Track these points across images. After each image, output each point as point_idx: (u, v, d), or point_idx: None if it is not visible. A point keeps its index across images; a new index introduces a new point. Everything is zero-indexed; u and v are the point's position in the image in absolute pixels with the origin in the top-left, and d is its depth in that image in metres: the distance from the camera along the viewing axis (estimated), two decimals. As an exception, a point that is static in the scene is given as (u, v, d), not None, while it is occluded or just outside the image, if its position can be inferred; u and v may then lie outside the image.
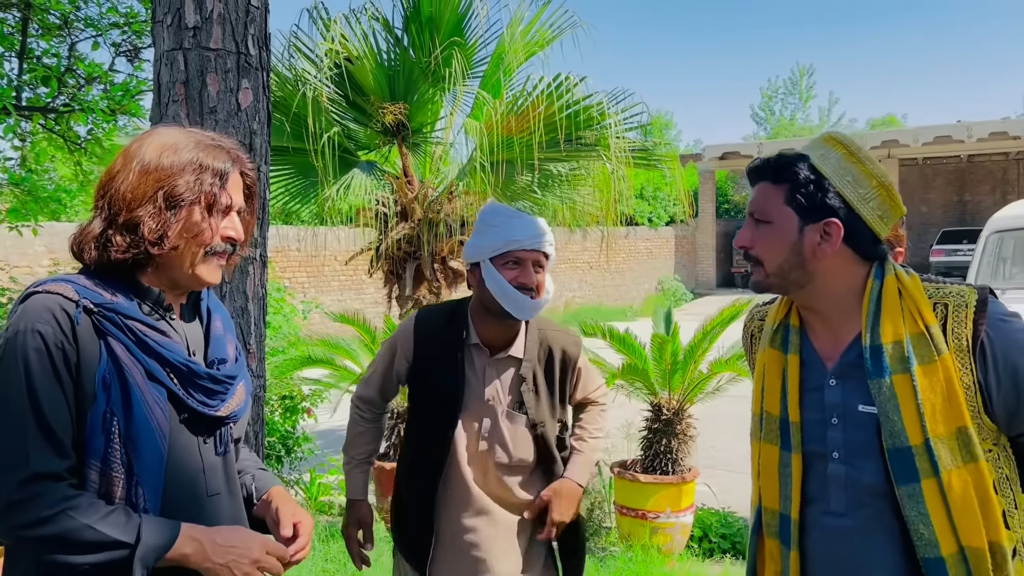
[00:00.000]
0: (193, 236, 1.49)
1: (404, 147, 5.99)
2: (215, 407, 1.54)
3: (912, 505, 1.48)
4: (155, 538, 1.38)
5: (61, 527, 1.33)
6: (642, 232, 23.40)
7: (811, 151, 1.62)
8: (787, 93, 44.63)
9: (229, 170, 1.53)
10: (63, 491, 1.36)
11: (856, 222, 1.57)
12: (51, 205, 5.75)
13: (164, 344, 1.47)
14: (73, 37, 5.43)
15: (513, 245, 2.26)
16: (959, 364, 1.50)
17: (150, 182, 1.46)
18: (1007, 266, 6.76)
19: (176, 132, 1.54)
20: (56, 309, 1.38)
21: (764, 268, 1.63)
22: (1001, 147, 22.03)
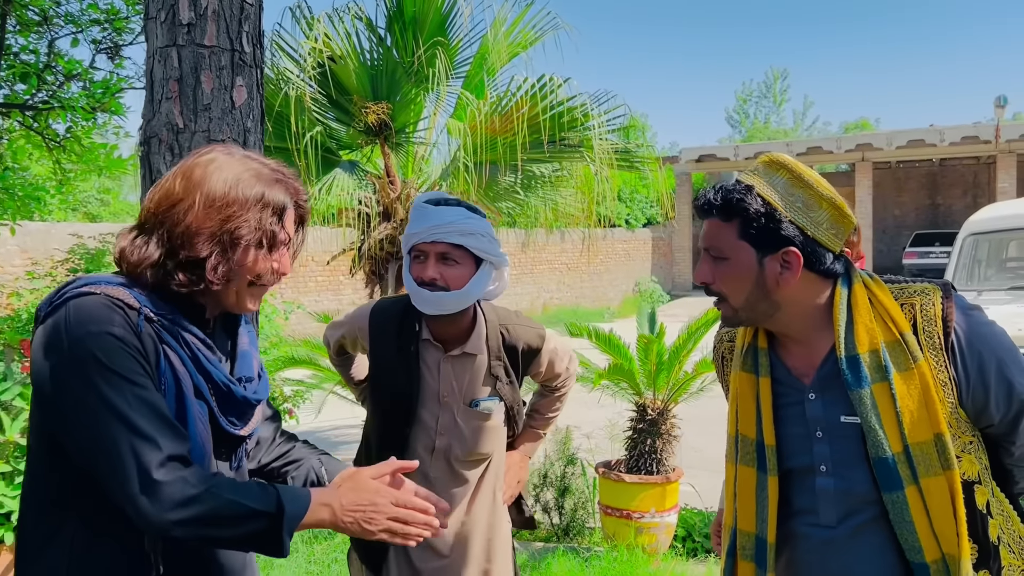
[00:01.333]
0: (246, 274, 1.48)
1: (387, 147, 5.97)
2: (239, 427, 1.54)
3: (897, 512, 1.50)
4: (293, 506, 1.40)
5: (209, 504, 1.33)
6: (620, 234, 23.49)
7: (755, 179, 1.58)
8: (761, 96, 45.08)
9: (288, 205, 1.51)
10: (200, 471, 1.36)
11: (812, 245, 1.55)
12: (28, 203, 5.68)
13: (212, 361, 1.47)
14: (52, 34, 5.37)
15: (413, 239, 2.23)
16: (934, 362, 1.52)
17: (215, 219, 1.42)
18: (982, 268, 6.86)
19: (238, 162, 1.49)
20: (119, 312, 1.36)
21: (730, 303, 1.61)
22: (972, 151, 22.34)
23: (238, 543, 1.40)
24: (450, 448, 2.35)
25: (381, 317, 2.39)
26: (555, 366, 2.57)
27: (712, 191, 1.60)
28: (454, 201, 2.26)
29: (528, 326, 2.50)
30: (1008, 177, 20.65)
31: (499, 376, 2.40)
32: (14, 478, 3.52)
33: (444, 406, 2.34)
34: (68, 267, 6.76)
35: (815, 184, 1.55)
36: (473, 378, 2.37)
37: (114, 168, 6.02)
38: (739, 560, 1.69)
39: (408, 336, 2.34)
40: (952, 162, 26.48)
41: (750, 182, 1.57)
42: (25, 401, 3.62)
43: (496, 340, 2.40)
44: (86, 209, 17.39)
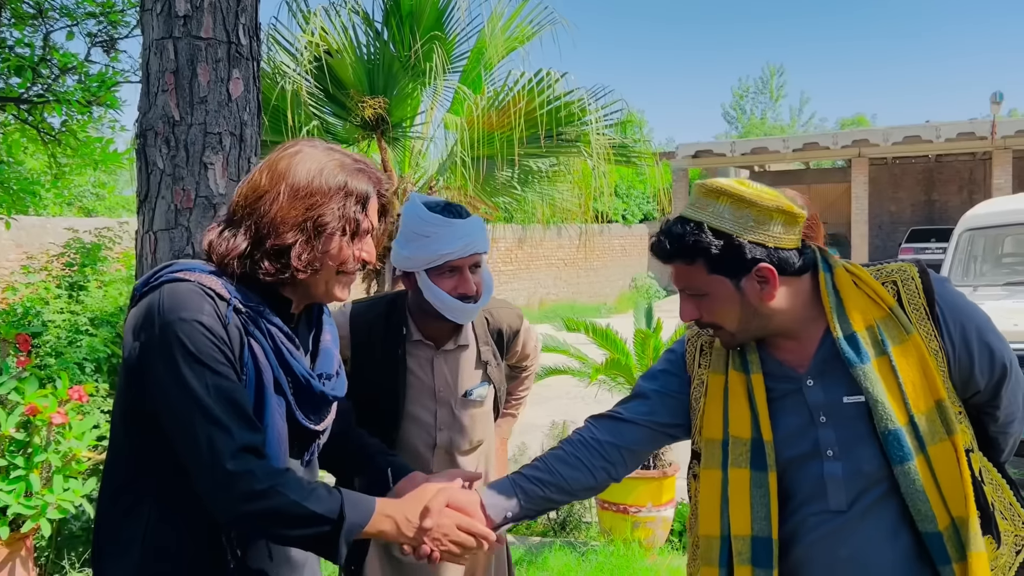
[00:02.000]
0: (333, 262, 1.50)
1: (383, 141, 5.95)
2: (315, 423, 1.56)
3: (908, 484, 1.51)
4: (356, 515, 1.43)
5: (274, 502, 1.36)
6: (616, 230, 23.49)
7: (701, 213, 1.59)
8: (758, 92, 45.09)
9: (371, 194, 1.53)
10: (269, 466, 1.39)
11: (778, 253, 1.57)
12: (23, 197, 5.66)
13: (295, 355, 1.49)
14: (47, 27, 5.34)
15: (447, 257, 2.17)
16: (923, 333, 1.57)
17: (300, 208, 1.44)
18: (978, 264, 6.88)
19: (322, 154, 1.52)
20: (210, 302, 1.39)
21: (726, 330, 1.64)
22: (968, 147, 22.36)
23: (297, 543, 1.43)
24: (451, 442, 2.36)
25: (361, 321, 2.36)
26: (527, 345, 2.62)
27: (665, 238, 1.61)
28: (464, 210, 2.25)
29: (507, 308, 2.54)
30: (1004, 173, 20.68)
31: (488, 361, 2.42)
32: (9, 472, 3.51)
33: (441, 401, 2.34)
34: (63, 261, 6.74)
35: (758, 199, 1.56)
36: (466, 368, 2.38)
37: (110, 162, 5.99)
38: (736, 567, 1.65)
39: (395, 338, 2.32)
40: (948, 158, 26.51)
41: (698, 218, 1.59)
42: (20, 395, 3.61)
43: (482, 326, 2.43)
44: (81, 203, 17.34)
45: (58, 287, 6.14)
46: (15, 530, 3.52)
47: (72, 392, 3.73)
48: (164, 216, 2.46)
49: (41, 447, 3.60)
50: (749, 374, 1.67)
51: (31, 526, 3.50)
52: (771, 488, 1.62)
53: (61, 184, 6.71)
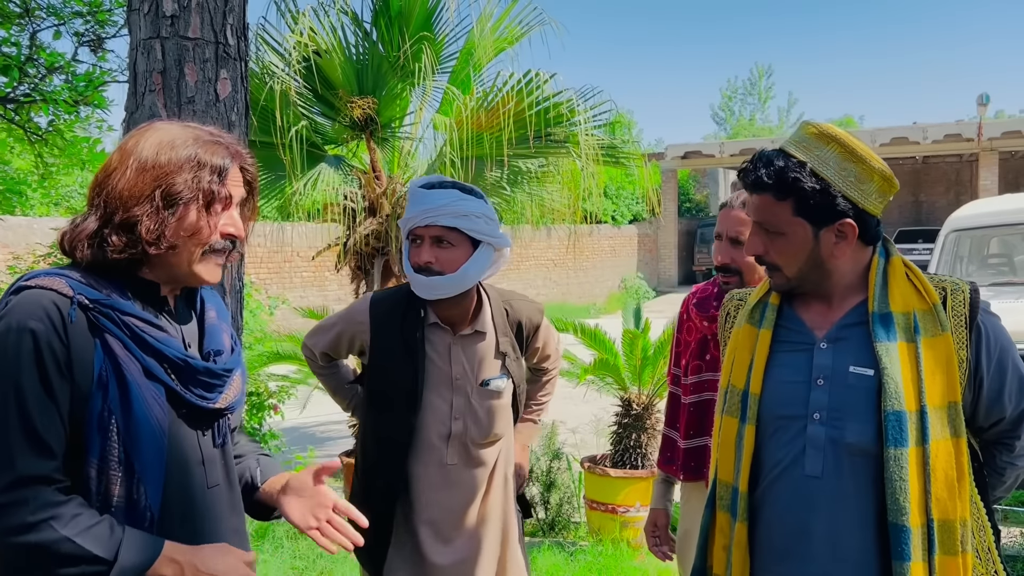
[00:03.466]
0: (191, 235, 1.45)
1: (372, 142, 5.95)
2: (213, 400, 1.51)
3: (895, 469, 1.51)
4: (133, 557, 1.34)
5: (42, 537, 1.29)
6: (606, 230, 23.52)
7: (807, 153, 1.59)
8: (746, 93, 45.21)
9: (228, 166, 1.48)
10: (49, 497, 1.32)
11: (863, 215, 1.59)
12: (10, 198, 5.63)
13: (161, 340, 1.44)
14: (34, 26, 5.31)
15: (409, 224, 2.23)
16: (956, 339, 1.56)
17: (147, 180, 1.41)
18: (964, 264, 6.92)
19: (174, 128, 1.49)
20: (49, 306, 1.34)
21: (783, 273, 1.65)
22: (955, 149, 22.49)
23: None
24: (466, 431, 2.35)
25: (381, 308, 2.38)
26: (548, 345, 2.61)
27: (762, 167, 1.60)
28: (448, 183, 2.25)
29: (527, 302, 2.54)
30: (990, 175, 20.80)
31: (507, 353, 2.42)
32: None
33: (458, 389, 2.34)
34: (50, 262, 6.70)
35: (867, 158, 1.58)
36: (484, 357, 2.38)
37: (97, 162, 5.96)
38: (717, 511, 1.72)
39: (413, 323, 2.32)
40: (935, 159, 26.67)
41: (802, 158, 1.58)
42: None
43: (501, 317, 2.42)
44: (68, 204, 17.24)
45: (45, 287, 6.11)
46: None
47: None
48: (151, 216, 2.45)
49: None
50: (760, 328, 1.70)
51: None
52: (746, 441, 1.66)
53: (48, 184, 6.69)
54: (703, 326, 2.42)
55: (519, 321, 2.47)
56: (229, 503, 1.57)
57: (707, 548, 1.75)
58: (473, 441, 2.36)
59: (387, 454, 2.35)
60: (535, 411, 2.74)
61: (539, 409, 2.75)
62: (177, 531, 1.45)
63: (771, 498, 1.65)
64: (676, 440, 2.56)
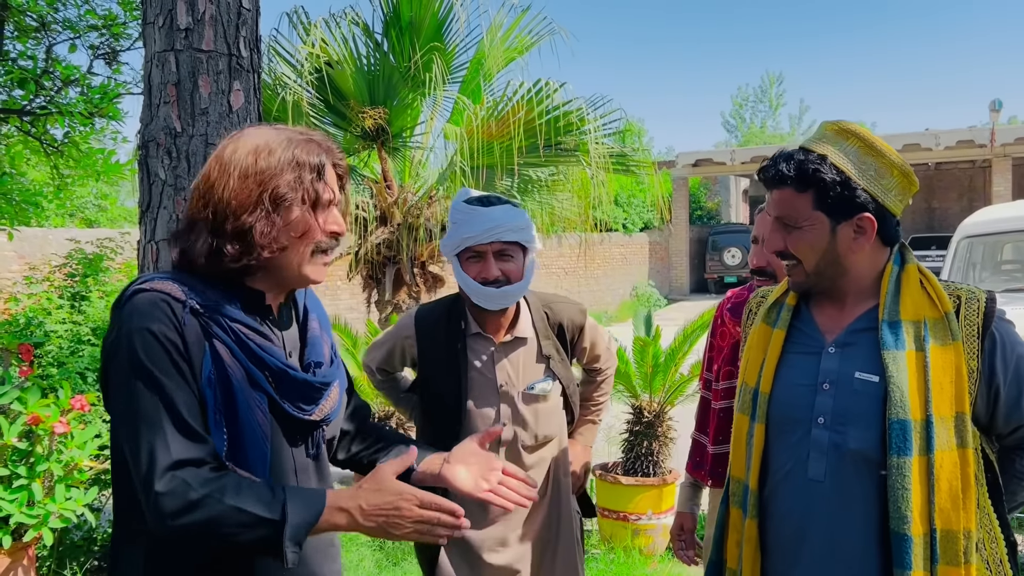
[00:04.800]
0: (300, 235, 1.47)
1: (384, 151, 6.00)
2: (309, 412, 1.52)
3: (898, 478, 1.50)
4: (301, 514, 1.35)
5: (210, 511, 1.31)
6: (617, 238, 23.51)
7: (827, 147, 1.61)
8: (757, 101, 45.16)
9: (325, 163, 1.50)
10: (206, 474, 1.34)
11: (882, 211, 1.60)
12: (26, 209, 5.69)
13: (265, 348, 1.45)
14: (50, 39, 5.38)
15: (469, 242, 2.29)
16: (967, 349, 1.55)
17: (252, 186, 1.43)
18: (976, 271, 6.88)
19: (266, 131, 1.51)
20: (165, 307, 1.37)
21: (803, 267, 1.66)
22: (968, 155, 22.37)
23: (244, 549, 1.36)
24: (515, 437, 2.39)
25: (426, 321, 2.46)
26: (597, 345, 2.64)
27: (783, 161, 1.62)
28: (496, 199, 2.34)
29: (568, 303, 2.58)
30: (1003, 181, 20.69)
31: (551, 355, 2.45)
32: (12, 481, 3.53)
33: (503, 396, 2.39)
34: (65, 272, 6.77)
35: (886, 152, 1.60)
36: (527, 362, 2.42)
37: (112, 173, 6.03)
38: (730, 506, 1.76)
39: (455, 334, 2.39)
40: (948, 166, 26.54)
41: (822, 151, 1.59)
42: (22, 405, 3.63)
43: (542, 320, 2.47)
44: (84, 214, 17.39)
45: (60, 297, 6.18)
46: (17, 539, 3.54)
47: (74, 402, 3.75)
48: (166, 226, 2.49)
49: (43, 456, 3.61)
50: (774, 328, 1.72)
51: (33, 535, 3.51)
52: (756, 440, 1.67)
53: (63, 195, 6.75)
54: (736, 331, 2.42)
55: (560, 323, 2.50)
56: None
57: (723, 542, 1.78)
58: (524, 446, 2.40)
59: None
60: (593, 411, 2.76)
61: (597, 409, 2.77)
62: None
63: (777, 499, 1.67)
64: (705, 445, 2.56)
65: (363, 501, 1.41)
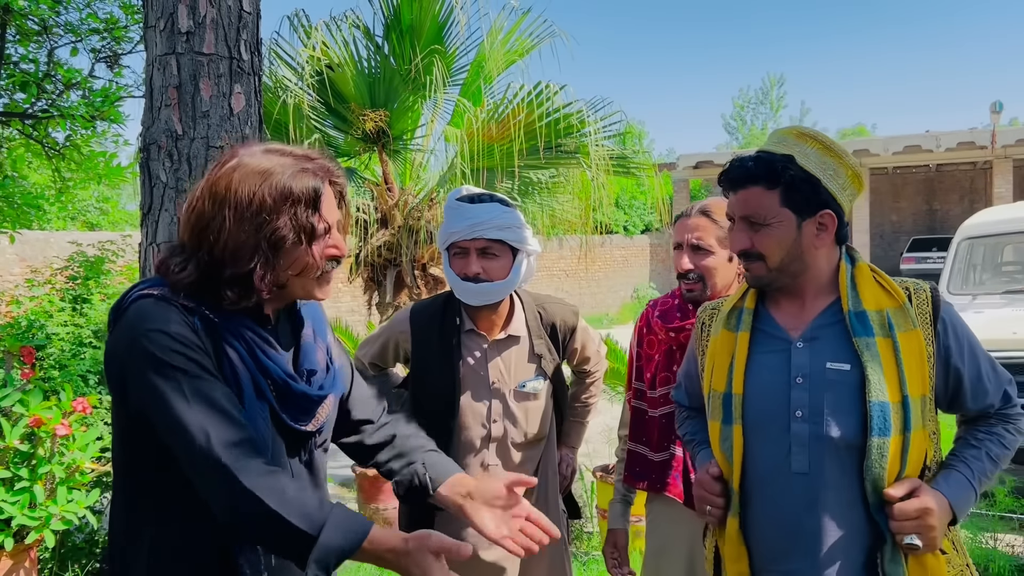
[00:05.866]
0: (299, 272, 1.46)
1: (384, 154, 6.00)
2: (304, 423, 1.52)
3: (877, 457, 1.58)
4: (336, 539, 1.34)
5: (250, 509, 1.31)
6: (618, 240, 23.53)
7: (790, 149, 1.68)
8: (758, 103, 45.16)
9: (320, 189, 1.46)
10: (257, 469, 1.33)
11: (839, 210, 1.69)
12: (28, 212, 5.71)
13: (272, 357, 1.45)
14: (52, 43, 5.40)
15: (453, 237, 2.33)
16: (924, 335, 1.65)
17: (250, 230, 1.39)
18: (977, 272, 6.89)
19: (261, 160, 1.44)
20: (175, 311, 1.36)
21: (766, 263, 1.71)
22: (969, 156, 22.37)
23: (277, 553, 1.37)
24: (505, 434, 2.42)
25: (421, 316, 2.48)
26: (587, 347, 2.65)
27: (751, 162, 1.69)
28: (487, 196, 2.36)
29: (561, 304, 2.60)
30: (1004, 182, 20.69)
31: (543, 355, 2.47)
32: (14, 483, 3.54)
33: (495, 392, 2.41)
34: (67, 275, 6.79)
35: (843, 154, 1.69)
36: (519, 360, 2.44)
37: (113, 176, 6.05)
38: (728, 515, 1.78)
39: (450, 330, 2.42)
40: (949, 168, 26.53)
41: (787, 152, 1.68)
42: (24, 407, 3.64)
43: (535, 320, 2.50)
44: (85, 217, 17.42)
45: (62, 300, 6.19)
46: (19, 541, 3.54)
47: (76, 404, 3.76)
48: (167, 229, 2.50)
49: (45, 459, 3.62)
50: (737, 332, 1.77)
51: (35, 537, 3.52)
52: (735, 442, 1.72)
53: (65, 198, 6.77)
54: (669, 337, 2.37)
55: (553, 323, 2.53)
56: None
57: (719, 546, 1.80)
58: (513, 443, 2.43)
59: None
60: (580, 413, 2.78)
61: (585, 411, 2.79)
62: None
63: (763, 497, 1.70)
64: (646, 454, 2.47)
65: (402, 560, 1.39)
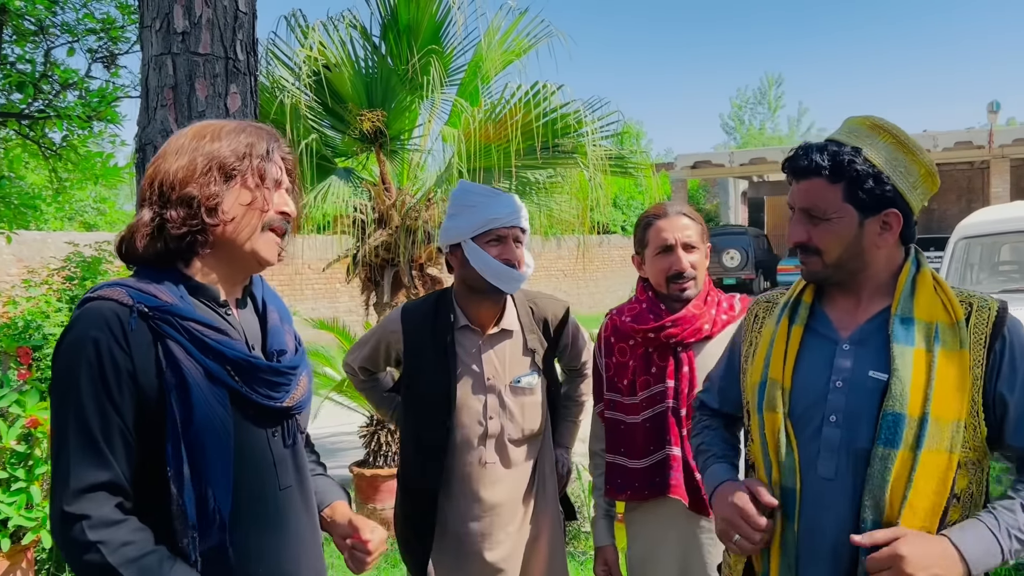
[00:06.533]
0: (248, 204, 1.48)
1: (382, 154, 5.99)
2: (280, 399, 1.51)
3: (880, 469, 1.51)
4: None
5: (92, 558, 1.30)
6: (616, 240, 23.54)
7: (859, 141, 1.60)
8: (756, 103, 45.22)
9: (273, 148, 1.53)
10: (105, 514, 1.32)
11: (907, 209, 1.60)
12: (24, 212, 5.70)
13: (223, 342, 1.44)
14: (49, 43, 5.40)
15: (494, 223, 2.31)
16: (974, 356, 1.54)
17: (198, 158, 1.45)
18: (974, 272, 6.89)
19: (214, 122, 1.54)
20: (110, 316, 1.35)
21: (822, 259, 1.64)
22: (966, 156, 22.39)
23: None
24: (502, 430, 2.40)
25: (414, 315, 2.47)
26: (578, 341, 2.65)
27: (816, 152, 1.60)
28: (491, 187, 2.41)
29: (552, 299, 2.60)
30: (1002, 182, 20.71)
31: (535, 349, 2.47)
32: (10, 484, 3.54)
33: (491, 388, 2.40)
34: (64, 275, 6.78)
35: (916, 150, 1.60)
36: (513, 354, 2.44)
37: (110, 177, 6.05)
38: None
39: (443, 327, 2.41)
40: (946, 167, 26.55)
41: (857, 144, 1.59)
42: (21, 408, 3.64)
43: (527, 315, 2.49)
44: (82, 218, 17.40)
45: (59, 300, 6.18)
46: (16, 542, 3.54)
47: (73, 404, 3.75)
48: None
49: (42, 459, 3.62)
50: (792, 325, 1.69)
51: (32, 538, 3.52)
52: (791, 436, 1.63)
53: (62, 199, 6.77)
54: (647, 339, 2.33)
55: (545, 318, 2.53)
56: (303, 504, 1.58)
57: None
58: (510, 439, 2.41)
59: (426, 457, 2.40)
60: (573, 412, 2.77)
61: (577, 409, 2.77)
62: (250, 533, 1.46)
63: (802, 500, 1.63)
64: (625, 464, 2.41)
65: None
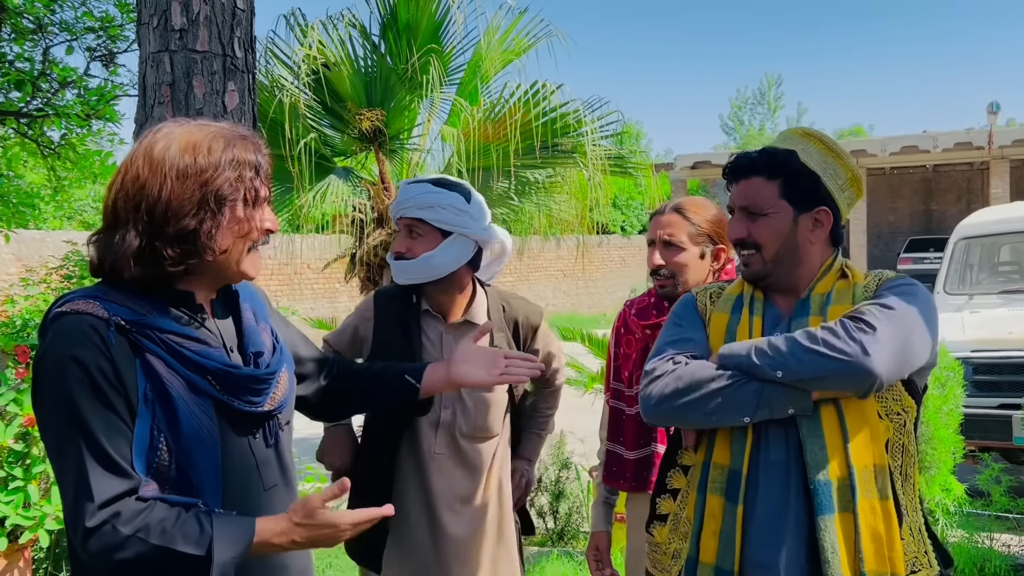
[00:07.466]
0: (243, 235, 1.45)
1: (381, 153, 5.98)
2: (260, 403, 1.51)
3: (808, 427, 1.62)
4: (228, 550, 1.34)
5: (135, 551, 1.30)
6: (615, 240, 23.55)
7: (793, 146, 1.74)
8: (756, 103, 45.28)
9: (261, 163, 1.48)
10: (132, 509, 1.32)
11: (836, 209, 1.75)
12: (23, 211, 5.70)
13: (201, 352, 1.43)
14: (47, 41, 5.39)
15: (394, 216, 2.37)
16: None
17: (193, 186, 1.38)
18: (974, 272, 6.89)
19: (193, 128, 1.45)
20: (88, 330, 1.33)
21: (762, 255, 1.75)
22: (966, 157, 22.38)
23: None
24: (454, 421, 2.37)
25: (384, 299, 2.49)
26: (549, 349, 2.62)
27: (754, 154, 1.76)
28: (427, 179, 2.37)
29: (525, 302, 2.58)
30: (1001, 183, 20.70)
31: (500, 347, 2.42)
32: (8, 483, 3.53)
33: None
34: (62, 274, 6.78)
35: (844, 156, 1.76)
36: None
37: (109, 175, 6.02)
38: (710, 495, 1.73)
39: (407, 310, 2.42)
40: (946, 168, 26.55)
41: (790, 147, 1.75)
42: (18, 407, 3.63)
43: (497, 312, 2.47)
44: (81, 217, 17.40)
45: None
46: (13, 541, 3.53)
47: (70, 403, 3.74)
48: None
49: (39, 458, 3.61)
50: (752, 316, 1.80)
51: (29, 537, 3.51)
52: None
53: (61, 197, 6.77)
54: (645, 335, 2.39)
55: (516, 319, 2.50)
56: (289, 501, 1.56)
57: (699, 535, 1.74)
58: (461, 432, 2.38)
59: (381, 442, 2.39)
60: (539, 424, 2.72)
61: (544, 422, 2.73)
62: None
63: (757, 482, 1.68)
64: (622, 454, 2.49)
65: (296, 536, 1.42)
